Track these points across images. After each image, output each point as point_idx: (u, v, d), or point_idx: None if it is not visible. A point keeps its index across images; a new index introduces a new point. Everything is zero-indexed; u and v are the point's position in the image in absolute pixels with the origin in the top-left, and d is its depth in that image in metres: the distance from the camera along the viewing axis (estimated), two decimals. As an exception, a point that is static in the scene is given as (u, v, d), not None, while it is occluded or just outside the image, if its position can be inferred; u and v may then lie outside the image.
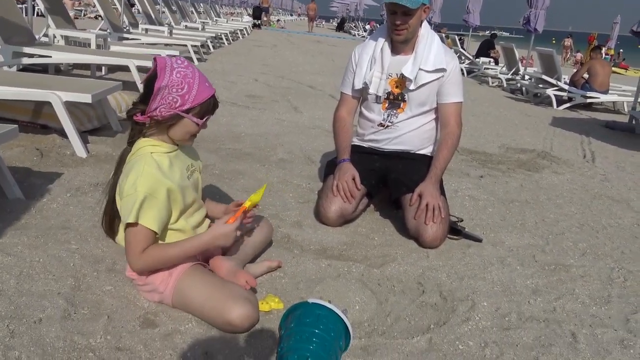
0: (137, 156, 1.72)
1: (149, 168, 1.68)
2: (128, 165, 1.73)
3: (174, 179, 1.75)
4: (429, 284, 2.18)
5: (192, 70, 1.71)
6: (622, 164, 4.76)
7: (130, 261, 1.72)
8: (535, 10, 9.94)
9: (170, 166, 1.76)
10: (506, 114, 7.18)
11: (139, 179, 1.66)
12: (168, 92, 1.66)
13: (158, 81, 1.65)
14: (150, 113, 1.69)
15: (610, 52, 23.93)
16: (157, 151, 1.74)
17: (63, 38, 6.56)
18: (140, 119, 1.72)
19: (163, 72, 1.66)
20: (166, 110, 1.68)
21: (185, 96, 1.68)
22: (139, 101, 1.73)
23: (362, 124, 2.89)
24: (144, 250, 1.68)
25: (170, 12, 13.71)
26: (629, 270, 2.51)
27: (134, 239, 1.67)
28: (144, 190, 1.65)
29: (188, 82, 1.68)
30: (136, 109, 1.72)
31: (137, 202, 1.63)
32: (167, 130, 1.74)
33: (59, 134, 3.49)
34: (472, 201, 3.28)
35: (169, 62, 1.69)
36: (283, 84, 7.56)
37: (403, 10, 2.51)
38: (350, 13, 39.91)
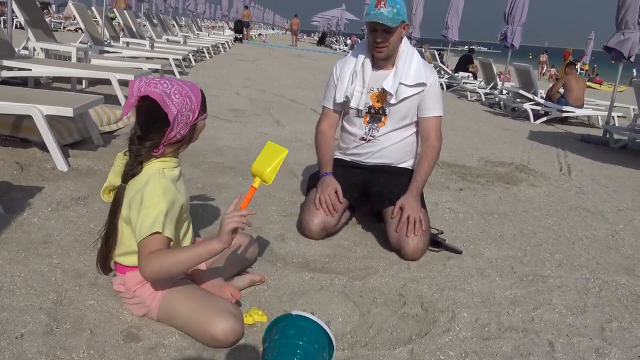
0: (150, 172, 1.73)
1: (166, 182, 1.71)
2: (141, 180, 1.72)
3: (182, 192, 1.80)
4: (411, 295, 2.21)
5: (175, 81, 1.74)
6: (597, 176, 4.88)
7: (141, 265, 1.66)
8: (512, 27, 10.17)
9: (179, 180, 1.81)
10: (485, 127, 7.31)
11: (158, 190, 1.68)
12: (181, 115, 1.70)
13: (169, 114, 1.67)
14: (169, 141, 1.72)
15: (585, 67, 24.53)
16: (167, 166, 1.77)
17: (43, 51, 6.52)
18: (161, 151, 1.74)
19: (166, 104, 1.67)
20: (184, 129, 1.74)
21: (192, 107, 1.74)
22: (145, 137, 1.71)
23: (344, 138, 2.94)
24: (151, 253, 1.63)
25: (151, 25, 13.71)
26: (604, 280, 2.57)
27: (151, 246, 1.64)
28: (166, 201, 1.67)
29: (186, 95, 1.72)
30: (144, 146, 1.71)
31: (162, 213, 1.65)
32: (187, 143, 1.80)
33: (39, 148, 3.47)
34: (452, 214, 3.34)
35: (161, 92, 1.67)
36: (265, 97, 7.60)
37: (383, 28, 2.57)
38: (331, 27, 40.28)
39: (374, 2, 2.58)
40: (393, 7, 2.54)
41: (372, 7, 2.58)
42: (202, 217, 2.76)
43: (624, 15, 6.71)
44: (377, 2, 2.57)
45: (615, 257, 2.90)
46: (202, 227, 2.63)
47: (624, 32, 6.76)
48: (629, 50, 6.76)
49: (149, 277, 1.72)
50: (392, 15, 2.54)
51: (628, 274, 2.67)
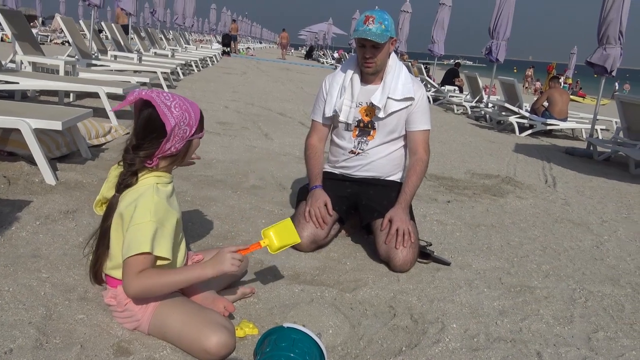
0: (143, 187, 1.73)
1: (158, 198, 1.71)
2: (133, 194, 1.72)
3: (176, 208, 1.80)
4: (400, 307, 2.23)
5: (177, 96, 1.77)
6: (582, 188, 4.96)
7: (126, 284, 1.68)
8: (496, 41, 10.33)
9: (171, 196, 1.81)
10: (471, 140, 7.40)
11: (151, 208, 1.67)
12: (178, 129, 1.72)
13: (167, 124, 1.69)
14: (164, 153, 1.73)
15: (569, 81, 24.95)
16: (161, 182, 1.77)
17: (30, 64, 6.49)
18: (155, 163, 1.75)
19: (165, 116, 1.69)
20: (180, 143, 1.75)
21: (190, 122, 1.76)
22: (140, 147, 1.72)
23: (333, 151, 2.96)
24: (141, 272, 1.65)
25: (139, 38, 13.71)
26: (590, 290, 2.61)
27: (136, 263, 1.65)
28: (155, 219, 1.67)
29: (186, 110, 1.75)
30: (138, 157, 1.72)
31: (150, 232, 1.65)
32: (181, 157, 1.80)
33: (26, 161, 3.45)
34: (440, 226, 3.37)
35: (162, 103, 1.70)
36: (253, 110, 7.63)
37: (372, 44, 2.62)
38: (318, 41, 40.56)
39: (363, 19, 2.62)
40: (381, 23, 2.59)
41: (360, 24, 2.63)
42: (191, 230, 2.76)
43: (605, 30, 6.86)
44: (365, 18, 2.61)
45: (600, 268, 2.94)
46: (191, 240, 2.63)
47: (606, 47, 6.90)
48: (611, 64, 6.91)
49: (132, 296, 1.73)
50: (380, 31, 2.59)
51: (613, 284, 2.72)
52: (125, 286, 1.70)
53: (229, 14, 40.04)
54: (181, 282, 1.76)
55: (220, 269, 1.75)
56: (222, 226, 2.92)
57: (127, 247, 1.66)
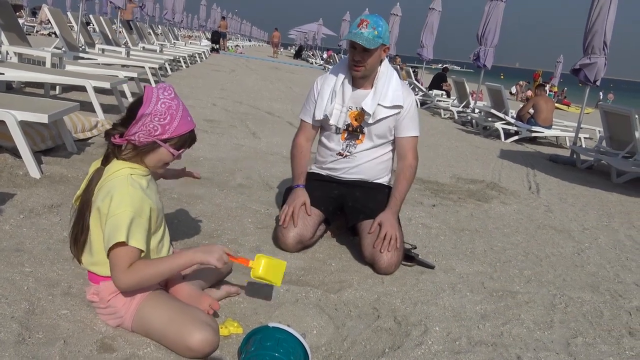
0: (117, 177, 1.73)
1: (133, 188, 1.71)
2: (107, 185, 1.72)
3: (153, 199, 1.78)
4: (384, 309, 2.25)
5: (177, 102, 1.75)
6: (564, 196, 5.03)
7: (116, 278, 1.69)
8: (484, 48, 10.43)
9: (148, 187, 1.80)
10: (457, 145, 7.46)
11: (125, 198, 1.67)
12: (150, 120, 1.70)
13: (142, 108, 1.69)
14: (129, 137, 1.72)
15: (554, 89, 25.24)
16: (136, 173, 1.77)
17: (16, 55, 6.41)
18: (117, 141, 1.74)
19: (149, 101, 1.70)
20: (145, 136, 1.72)
21: (166, 126, 1.72)
22: (119, 123, 1.75)
23: (321, 152, 2.98)
24: (130, 266, 1.67)
25: (127, 32, 13.60)
26: (570, 296, 2.65)
27: (121, 257, 1.66)
28: (131, 209, 1.66)
29: (171, 114, 1.73)
30: (115, 130, 1.74)
31: (125, 222, 1.64)
32: (142, 156, 1.77)
33: (10, 153, 3.41)
34: (425, 229, 3.40)
35: (156, 92, 1.73)
36: (241, 109, 7.61)
37: (362, 47, 2.63)
38: (308, 41, 40.56)
39: (357, 22, 2.64)
40: (374, 29, 2.60)
41: (354, 26, 2.64)
42: (177, 228, 2.75)
43: (590, 40, 6.97)
44: (360, 22, 2.63)
45: (580, 275, 2.99)
46: (177, 238, 2.62)
47: (590, 56, 7.01)
48: (595, 74, 7.01)
49: (124, 290, 1.73)
50: (372, 37, 2.60)
51: (593, 291, 2.77)
52: (115, 281, 1.70)
53: (218, 11, 39.89)
54: (171, 269, 1.77)
55: (206, 259, 1.76)
56: (208, 224, 2.92)
57: (107, 240, 1.66)
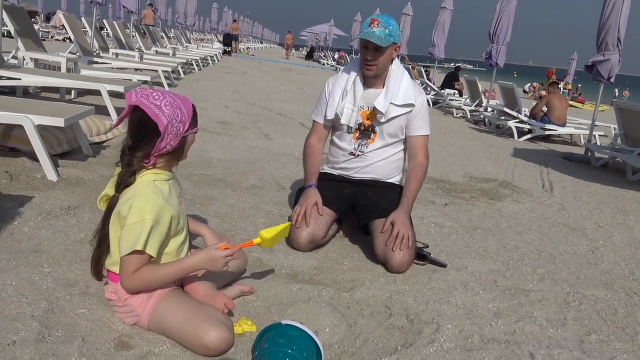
0: (140, 183, 1.76)
1: (154, 196, 1.74)
2: (131, 190, 1.76)
3: (174, 205, 1.81)
4: (396, 307, 2.26)
5: (167, 94, 1.78)
6: (579, 194, 5.00)
7: (122, 280, 1.75)
8: (496, 46, 10.38)
9: (170, 193, 1.83)
10: (470, 144, 7.43)
11: (146, 206, 1.70)
12: (171, 126, 1.73)
13: (160, 124, 1.70)
14: (159, 152, 1.76)
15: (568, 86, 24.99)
16: (159, 179, 1.80)
17: (32, 60, 6.52)
18: (151, 163, 1.77)
19: (156, 115, 1.71)
20: (175, 140, 1.76)
21: (182, 119, 1.77)
22: (136, 148, 1.75)
23: (333, 152, 3.00)
24: (137, 271, 1.72)
25: (140, 36, 13.74)
26: (584, 294, 2.65)
27: (130, 263, 1.71)
28: (151, 218, 1.70)
29: (177, 106, 1.76)
30: (135, 157, 1.75)
31: (145, 231, 1.68)
32: (175, 157, 1.82)
33: (28, 157, 3.48)
34: (437, 228, 3.41)
35: (151, 104, 1.71)
36: (253, 111, 7.66)
37: (374, 46, 2.65)
38: (319, 42, 40.60)
39: (368, 21, 2.66)
40: (386, 27, 2.63)
41: (365, 26, 2.66)
42: (191, 229, 2.79)
43: (604, 37, 6.91)
44: (371, 21, 2.65)
45: (594, 272, 2.98)
46: (191, 238, 2.65)
47: (604, 53, 6.95)
48: (609, 71, 6.95)
49: (129, 291, 1.79)
50: (383, 35, 2.62)
51: (607, 289, 2.75)
52: (122, 283, 1.77)
53: (230, 14, 40.10)
54: (174, 275, 1.82)
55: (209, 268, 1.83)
56: (222, 225, 2.95)
57: (121, 247, 1.71)
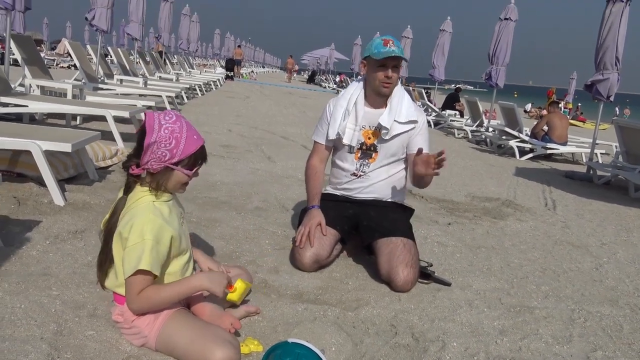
0: (140, 205, 1.80)
1: (153, 216, 1.77)
2: (130, 213, 1.80)
3: (174, 226, 1.84)
4: (402, 325, 2.27)
5: (180, 124, 1.81)
6: (581, 211, 5.01)
7: (128, 301, 1.79)
8: (496, 67, 10.49)
9: (170, 214, 1.86)
10: (472, 164, 7.47)
11: (145, 227, 1.74)
12: (157, 147, 1.76)
13: (147, 138, 1.76)
14: (144, 166, 1.80)
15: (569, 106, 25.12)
16: (158, 200, 1.83)
17: (39, 88, 6.63)
18: (136, 172, 1.81)
19: (151, 129, 1.76)
20: (157, 163, 1.79)
21: (173, 150, 1.78)
22: (133, 154, 1.83)
23: (335, 173, 3.04)
24: (141, 292, 1.75)
25: (144, 63, 13.93)
26: (589, 311, 2.65)
27: (135, 284, 1.74)
28: (151, 237, 1.73)
29: (176, 137, 1.78)
30: (130, 161, 1.82)
31: (146, 251, 1.72)
32: (161, 181, 1.83)
33: (35, 182, 3.53)
34: (441, 247, 3.42)
35: (157, 118, 1.79)
36: (256, 134, 7.74)
37: (394, 63, 2.74)
38: (320, 66, 41.00)
39: (382, 42, 2.73)
40: (398, 46, 2.75)
41: (381, 46, 2.72)
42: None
43: (602, 56, 6.99)
44: (385, 42, 2.73)
45: (599, 289, 2.98)
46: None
47: (603, 72, 7.03)
48: (608, 89, 7.02)
49: (135, 312, 1.81)
50: (401, 50, 2.74)
51: (612, 305, 2.76)
52: (128, 304, 1.80)
53: (232, 39, 40.63)
54: (177, 295, 1.83)
55: (212, 289, 1.85)
56: (227, 246, 2.98)
57: (125, 268, 1.75)
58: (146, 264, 1.71)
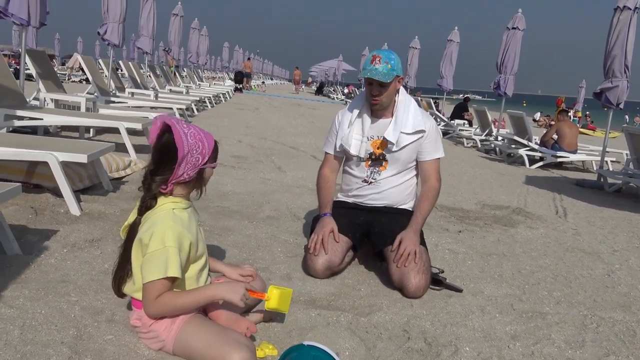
0: (160, 212, 1.85)
1: (174, 223, 1.82)
2: (150, 220, 1.85)
3: (192, 232, 1.89)
4: (414, 331, 2.29)
5: (193, 126, 1.89)
6: (593, 219, 5.00)
7: (145, 306, 1.83)
8: (504, 76, 10.53)
9: (190, 220, 1.91)
10: (481, 172, 7.48)
11: (167, 234, 1.79)
12: (191, 156, 1.83)
13: (180, 151, 1.81)
14: (177, 179, 1.85)
15: (578, 114, 25.03)
16: (178, 207, 1.88)
17: (53, 101, 6.74)
18: (168, 189, 1.86)
19: (181, 141, 1.81)
20: (192, 170, 1.86)
21: (203, 151, 1.87)
22: (156, 172, 1.85)
23: (346, 180, 3.08)
24: (159, 297, 1.79)
25: (155, 76, 14.11)
26: (601, 317, 2.65)
27: (153, 289, 1.78)
28: (173, 244, 1.78)
29: (200, 139, 1.86)
30: (153, 181, 1.85)
31: (166, 258, 1.76)
32: (191, 186, 1.90)
33: (52, 193, 3.60)
34: (452, 254, 3.44)
35: (180, 129, 1.83)
36: (266, 145, 7.80)
37: (378, 82, 2.75)
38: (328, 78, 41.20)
39: (370, 59, 2.77)
40: (387, 63, 2.73)
41: (367, 63, 2.77)
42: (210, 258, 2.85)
43: (610, 64, 7.00)
44: (372, 58, 2.76)
45: (612, 295, 2.98)
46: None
47: (612, 80, 7.03)
48: (617, 97, 7.02)
49: (152, 317, 1.85)
50: (386, 71, 2.72)
51: (625, 311, 2.76)
52: (145, 309, 1.84)
53: (241, 52, 41.01)
54: (195, 303, 1.87)
55: (229, 297, 1.87)
56: (240, 254, 3.02)
57: (144, 274, 1.79)
58: (175, 271, 1.77)
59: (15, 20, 5.58)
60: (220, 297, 1.89)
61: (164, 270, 1.76)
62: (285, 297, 2.04)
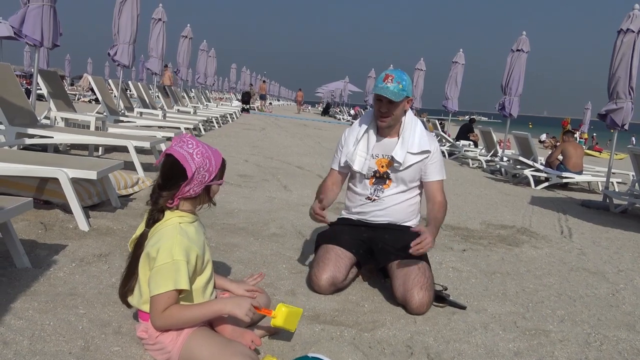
0: (167, 226, 1.90)
1: (181, 237, 1.87)
2: (158, 234, 1.90)
3: (199, 245, 1.94)
4: (417, 346, 2.31)
5: (202, 144, 1.95)
6: (598, 239, 5.00)
7: (152, 318, 1.86)
8: (509, 97, 10.59)
9: (197, 233, 1.96)
10: (486, 193, 7.49)
11: (174, 247, 1.83)
12: (197, 174, 1.90)
13: (188, 170, 1.87)
14: (183, 195, 1.91)
15: (584, 136, 25.05)
16: (184, 221, 1.93)
17: (63, 120, 6.86)
18: (174, 204, 1.92)
19: (187, 162, 1.87)
20: (199, 187, 1.92)
21: (210, 169, 1.93)
22: (164, 187, 1.91)
23: (350, 197, 3.12)
24: (165, 310, 1.82)
25: (163, 96, 14.29)
26: (605, 335, 2.65)
27: (160, 302, 1.82)
28: (180, 258, 1.82)
29: (207, 157, 1.92)
30: (160, 197, 1.91)
31: (181, 271, 1.81)
32: (198, 201, 1.96)
33: (61, 209, 3.66)
34: (455, 272, 3.45)
35: (183, 151, 1.89)
36: (272, 164, 7.87)
37: (388, 100, 2.82)
38: (335, 99, 41.50)
39: (383, 77, 2.83)
40: (399, 83, 2.80)
41: (380, 81, 2.83)
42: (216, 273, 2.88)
43: (614, 86, 7.05)
44: (385, 76, 2.82)
45: (616, 314, 2.98)
46: (217, 283, 2.75)
47: (616, 101, 7.08)
48: (622, 119, 7.05)
49: (159, 329, 1.89)
50: (397, 90, 2.79)
51: (629, 330, 2.76)
52: (152, 321, 1.88)
53: (248, 73, 41.43)
54: (202, 317, 1.91)
55: (235, 312, 1.89)
56: (245, 270, 3.05)
57: (152, 287, 1.83)
58: (184, 284, 1.81)
59: (28, 41, 5.71)
60: (226, 312, 1.93)
61: (173, 283, 1.80)
62: (293, 316, 2.06)
